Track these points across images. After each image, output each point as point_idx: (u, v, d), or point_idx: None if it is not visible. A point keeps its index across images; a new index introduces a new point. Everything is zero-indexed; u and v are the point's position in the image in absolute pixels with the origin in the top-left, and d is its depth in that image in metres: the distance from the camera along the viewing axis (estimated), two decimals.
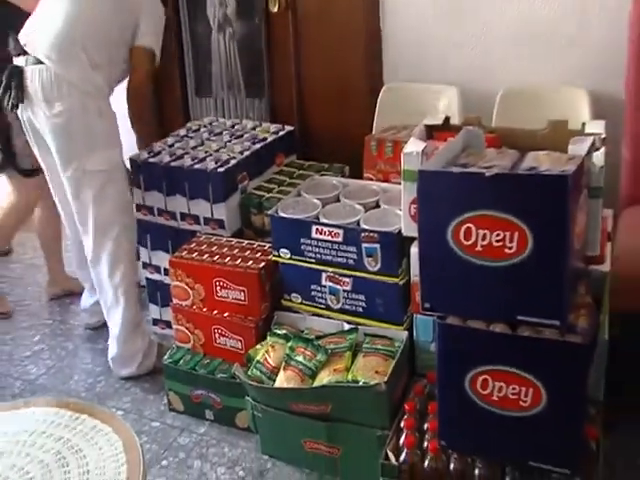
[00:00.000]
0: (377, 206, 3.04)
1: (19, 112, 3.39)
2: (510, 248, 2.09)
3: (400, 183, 2.63)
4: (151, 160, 3.59)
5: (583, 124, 2.65)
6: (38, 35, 3.28)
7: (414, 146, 2.54)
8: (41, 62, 3.25)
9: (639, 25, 3.23)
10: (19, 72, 3.28)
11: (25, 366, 3.70)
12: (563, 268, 2.11)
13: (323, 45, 4.06)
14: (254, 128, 3.96)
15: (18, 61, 3.30)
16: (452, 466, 2.42)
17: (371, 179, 3.34)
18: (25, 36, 3.31)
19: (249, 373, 2.88)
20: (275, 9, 4.13)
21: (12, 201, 4.02)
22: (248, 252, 3.18)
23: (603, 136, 2.52)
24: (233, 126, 4.03)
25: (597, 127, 2.59)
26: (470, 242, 2.12)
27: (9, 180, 3.99)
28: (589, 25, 3.45)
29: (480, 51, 3.69)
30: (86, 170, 3.35)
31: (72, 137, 3.32)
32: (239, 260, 3.12)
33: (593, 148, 2.40)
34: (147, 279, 3.79)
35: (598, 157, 2.39)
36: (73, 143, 3.33)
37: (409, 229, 2.60)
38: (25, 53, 3.28)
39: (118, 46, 3.41)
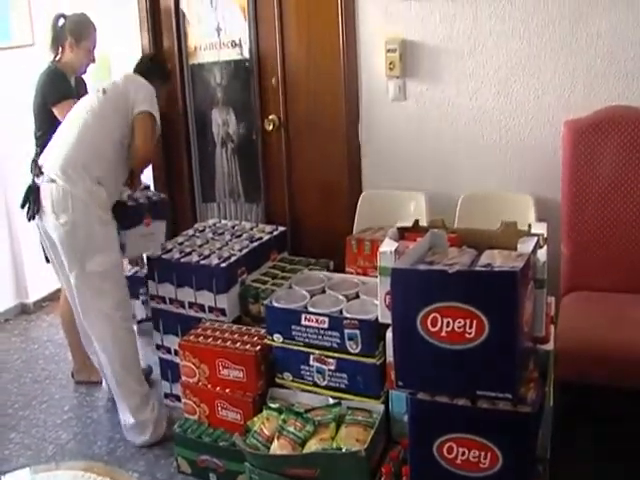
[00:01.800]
0: (357, 297, 3.05)
1: (36, 222, 3.44)
2: (470, 333, 2.12)
3: (377, 277, 2.62)
4: (164, 256, 3.62)
5: (529, 225, 2.70)
6: (50, 158, 3.36)
7: (388, 246, 2.56)
8: (53, 180, 3.31)
9: (570, 144, 3.35)
10: (36, 189, 3.36)
11: (57, 432, 3.68)
12: (514, 350, 2.15)
13: (311, 158, 4.12)
14: (252, 229, 3.97)
15: (37, 180, 3.37)
16: None
17: (352, 273, 3.36)
18: (42, 159, 3.40)
19: (247, 442, 2.85)
20: (270, 128, 4.21)
21: None
22: (246, 336, 3.18)
23: (545, 236, 2.59)
24: (234, 227, 4.04)
25: (540, 228, 2.64)
26: (436, 329, 2.15)
27: None
28: (531, 144, 3.58)
29: (443, 163, 3.76)
30: (87, 271, 3.34)
31: (76, 243, 3.32)
32: (238, 343, 3.12)
33: (537, 246, 2.44)
34: (160, 359, 3.77)
35: (542, 254, 2.43)
36: (77, 248, 3.33)
37: (385, 317, 2.57)
38: (42, 173, 3.35)
39: (118, 162, 3.42)
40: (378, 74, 3.79)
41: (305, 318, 2.90)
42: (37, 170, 3.38)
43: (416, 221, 2.84)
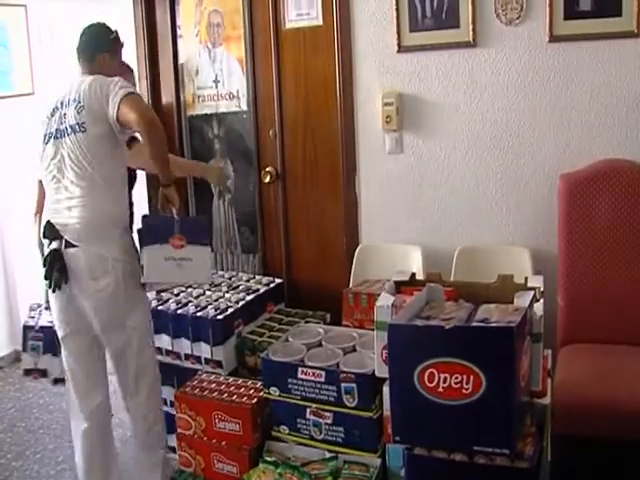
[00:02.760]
0: (354, 350, 3.05)
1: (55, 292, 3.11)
2: (467, 389, 2.14)
3: (374, 330, 2.62)
4: (160, 307, 3.63)
5: (526, 278, 2.72)
6: (66, 221, 3.06)
7: (385, 300, 2.58)
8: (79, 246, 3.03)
9: (565, 197, 3.38)
10: (59, 255, 3.03)
11: None
12: (511, 405, 2.16)
13: (308, 210, 4.15)
14: (248, 280, 3.99)
15: (57, 245, 3.06)
16: None
17: (349, 326, 3.36)
18: (54, 220, 3.09)
19: None
20: (267, 179, 4.22)
21: None
22: (242, 389, 3.18)
23: (542, 289, 2.61)
24: (230, 278, 4.06)
25: (537, 281, 2.67)
26: (433, 384, 2.17)
27: None
28: (527, 197, 3.61)
29: (439, 216, 3.79)
30: (130, 326, 3.12)
31: (119, 303, 3.09)
32: (235, 396, 3.12)
33: (534, 300, 2.47)
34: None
35: (538, 307, 2.45)
36: (120, 308, 3.10)
37: (381, 370, 2.60)
38: (61, 237, 3.05)
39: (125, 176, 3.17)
40: (375, 127, 3.83)
41: (302, 372, 2.91)
42: (54, 234, 3.07)
43: (412, 274, 2.87)
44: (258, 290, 3.81)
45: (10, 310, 5.15)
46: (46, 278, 3.05)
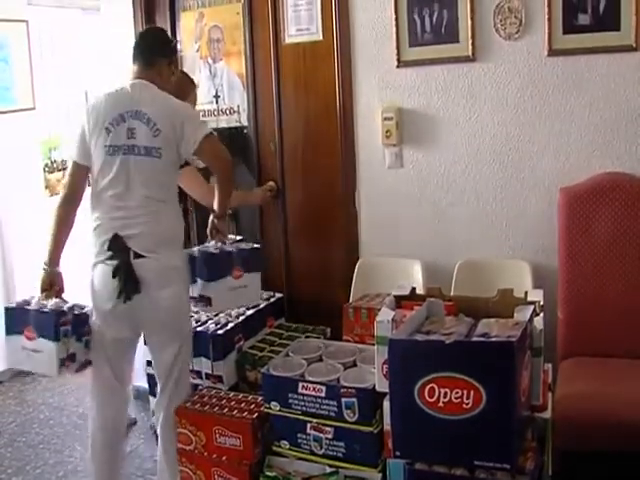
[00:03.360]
0: (355, 365, 3.04)
1: (111, 304, 3.17)
2: (467, 404, 2.13)
3: (374, 345, 2.61)
4: None
5: (526, 292, 2.71)
6: (134, 233, 3.14)
7: (385, 315, 2.57)
8: (147, 257, 3.13)
9: (565, 211, 3.40)
10: (128, 266, 3.11)
11: None
12: (512, 419, 2.16)
13: (308, 225, 4.15)
14: None
15: (124, 256, 3.13)
16: None
17: (349, 341, 3.36)
18: (121, 232, 3.15)
19: None
20: (267, 194, 4.21)
21: None
22: (243, 404, 3.16)
23: (542, 303, 2.61)
24: None
25: (537, 295, 2.66)
26: (433, 399, 2.16)
27: None
28: (527, 211, 3.63)
29: (439, 230, 3.80)
30: (185, 334, 3.29)
31: (182, 312, 3.28)
32: (235, 411, 3.10)
33: (534, 314, 2.47)
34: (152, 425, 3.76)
35: (538, 322, 2.45)
36: (182, 316, 3.28)
37: (382, 385, 2.58)
38: (128, 249, 3.13)
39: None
40: (375, 142, 3.85)
41: (302, 387, 2.89)
42: (121, 246, 3.13)
43: (413, 289, 2.86)
44: (258, 305, 3.81)
45: None
46: (120, 289, 3.11)
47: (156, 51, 3.30)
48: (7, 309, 3.26)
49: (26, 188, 5.21)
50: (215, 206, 3.39)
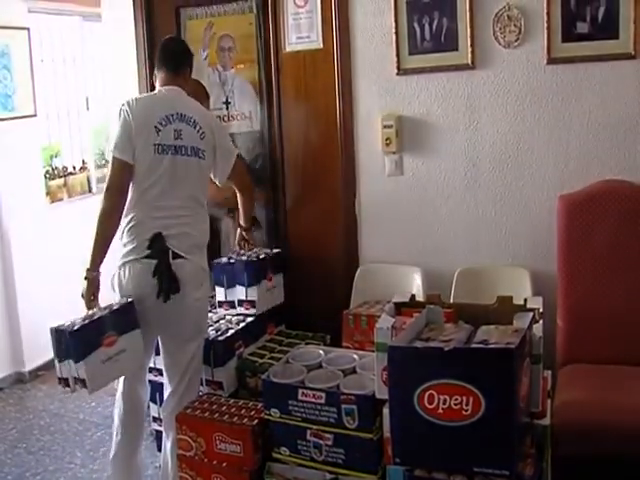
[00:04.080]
0: (354, 371, 3.03)
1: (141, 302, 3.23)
2: (466, 410, 2.14)
3: (374, 351, 2.61)
4: None
5: (525, 299, 2.72)
6: (175, 234, 3.22)
7: (385, 322, 2.58)
8: (183, 257, 3.21)
9: (564, 218, 3.42)
10: (168, 266, 3.17)
11: None
12: (511, 426, 2.17)
13: (308, 231, 4.14)
14: None
15: (164, 256, 3.19)
16: None
17: (349, 348, 3.37)
18: (164, 232, 3.21)
19: None
20: None
21: None
22: (243, 410, 3.16)
23: (541, 310, 2.62)
24: None
25: (536, 302, 2.67)
26: (433, 406, 2.17)
27: None
28: (526, 218, 3.64)
29: (439, 237, 3.81)
30: (203, 333, 3.43)
31: (205, 313, 3.46)
32: (235, 417, 3.10)
33: (533, 321, 2.47)
34: (155, 431, 3.76)
35: (537, 328, 2.46)
36: (204, 318, 3.46)
37: (381, 392, 2.58)
38: (168, 249, 3.19)
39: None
40: (375, 150, 3.87)
41: (302, 393, 2.89)
42: (163, 245, 3.19)
43: (412, 296, 2.87)
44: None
45: (11, 331, 5.16)
46: (160, 288, 3.16)
47: (182, 60, 3.47)
48: (72, 333, 2.97)
49: (27, 195, 5.22)
50: (242, 221, 3.75)
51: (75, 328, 2.98)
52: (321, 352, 3.26)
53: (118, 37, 4.53)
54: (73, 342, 2.97)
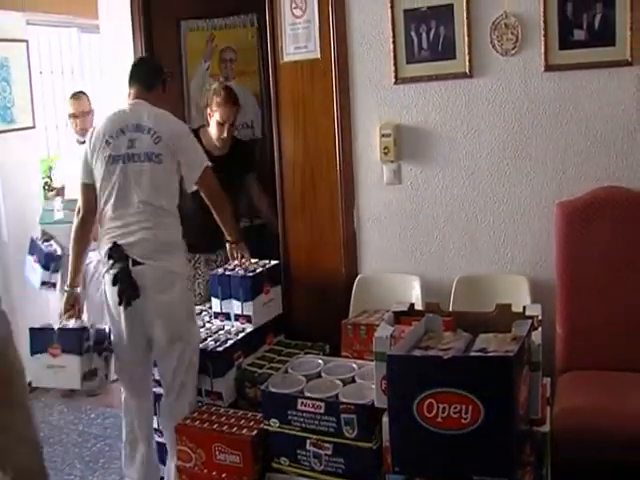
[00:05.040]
0: (353, 381, 3.05)
1: (118, 308, 3.35)
2: (465, 419, 2.14)
3: (373, 360, 2.63)
4: None
5: (524, 307, 2.74)
6: (133, 241, 3.31)
7: (384, 331, 2.59)
8: (145, 263, 3.30)
9: (562, 226, 3.41)
10: (128, 273, 3.27)
11: None
12: (510, 434, 2.17)
13: (307, 241, 4.10)
14: None
15: (122, 264, 3.29)
16: None
17: (348, 357, 3.37)
18: (120, 241, 3.33)
19: None
20: None
21: None
22: (243, 421, 3.17)
23: (539, 318, 2.62)
24: None
25: (534, 310, 2.69)
26: (432, 414, 2.17)
27: None
28: (524, 226, 3.62)
29: (438, 246, 3.80)
30: (185, 341, 3.38)
31: (180, 317, 3.40)
32: (235, 428, 3.11)
33: (532, 329, 2.48)
34: (156, 442, 3.75)
35: (536, 336, 2.47)
36: (181, 322, 3.40)
37: (381, 401, 2.59)
38: (127, 257, 3.29)
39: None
40: (373, 158, 3.86)
41: (301, 403, 2.90)
42: (121, 254, 3.30)
43: (411, 305, 2.88)
44: (258, 322, 3.78)
45: None
46: (119, 296, 3.29)
47: (154, 77, 3.61)
48: (32, 330, 3.45)
49: (25, 207, 5.22)
50: (226, 235, 3.71)
51: (34, 327, 3.46)
52: (320, 362, 3.28)
53: (116, 49, 4.55)
54: (30, 337, 3.42)
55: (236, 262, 3.81)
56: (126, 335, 3.38)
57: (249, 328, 3.70)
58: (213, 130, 4.20)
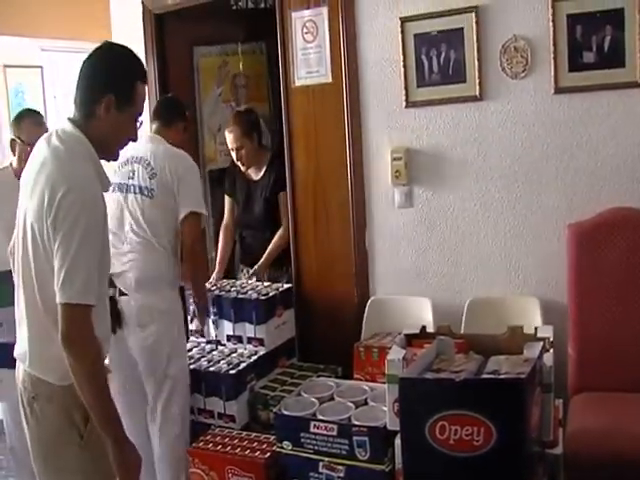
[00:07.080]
0: (366, 403, 3.04)
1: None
2: (478, 441, 2.13)
3: (385, 383, 2.63)
4: None
5: (535, 329, 2.73)
6: (122, 271, 3.37)
7: (396, 354, 2.59)
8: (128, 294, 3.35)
9: (574, 247, 3.41)
10: (113, 302, 3.21)
11: None
12: (523, 456, 2.16)
13: (319, 264, 4.14)
14: None
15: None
16: None
17: (360, 380, 3.38)
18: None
19: None
20: None
21: None
22: (255, 443, 3.17)
23: (551, 339, 2.61)
24: None
25: (546, 332, 2.67)
26: (444, 437, 2.16)
27: None
28: (535, 247, 3.63)
29: (449, 268, 3.81)
30: (168, 376, 3.39)
31: (161, 352, 3.38)
32: (248, 450, 3.11)
33: (544, 350, 2.48)
34: None
35: (548, 358, 2.46)
36: (162, 356, 3.38)
37: (393, 424, 2.58)
38: (114, 286, 3.31)
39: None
40: (384, 182, 3.88)
41: (314, 426, 2.90)
42: (110, 284, 3.22)
43: (423, 327, 2.88)
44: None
45: None
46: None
47: (175, 114, 3.71)
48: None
49: None
50: (194, 295, 3.65)
51: None
52: (332, 384, 3.27)
53: None
54: None
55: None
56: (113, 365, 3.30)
57: (262, 351, 3.72)
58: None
